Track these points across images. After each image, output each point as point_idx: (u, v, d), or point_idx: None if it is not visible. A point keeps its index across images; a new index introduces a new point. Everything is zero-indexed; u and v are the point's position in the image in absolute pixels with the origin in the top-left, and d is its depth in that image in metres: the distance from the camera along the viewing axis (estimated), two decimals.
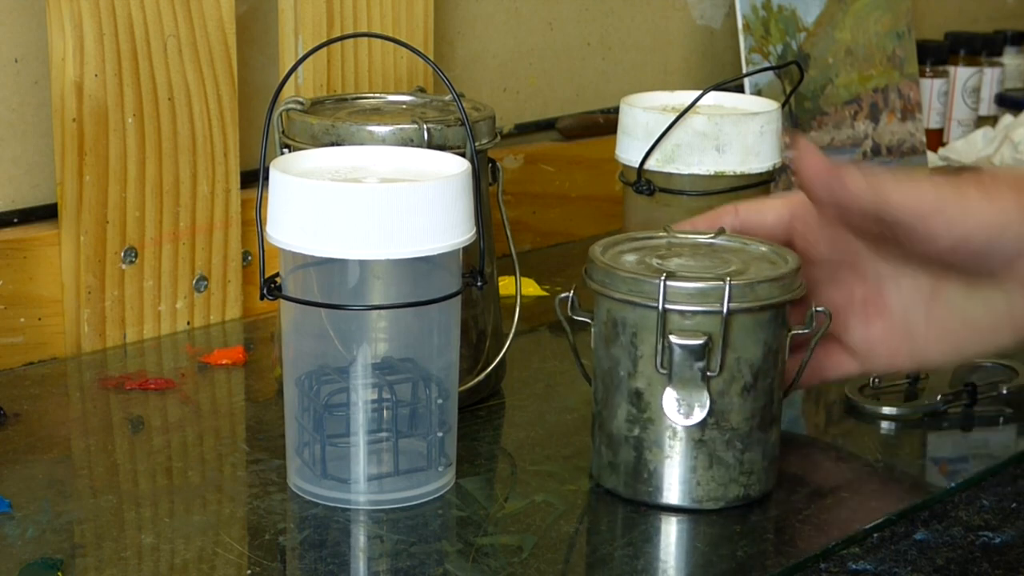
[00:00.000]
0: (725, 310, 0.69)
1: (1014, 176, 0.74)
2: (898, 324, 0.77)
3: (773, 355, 0.72)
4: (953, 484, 0.78)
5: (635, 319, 0.71)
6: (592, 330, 0.74)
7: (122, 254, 0.95)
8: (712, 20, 1.44)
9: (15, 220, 0.95)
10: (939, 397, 0.85)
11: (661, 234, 0.77)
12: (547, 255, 1.22)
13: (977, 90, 1.64)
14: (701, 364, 0.70)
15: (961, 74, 1.63)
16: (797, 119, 1.35)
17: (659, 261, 0.74)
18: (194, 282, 0.99)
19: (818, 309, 0.74)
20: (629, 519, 0.72)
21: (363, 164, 0.75)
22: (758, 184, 0.93)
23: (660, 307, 0.70)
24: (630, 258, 0.74)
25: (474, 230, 0.72)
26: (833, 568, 0.69)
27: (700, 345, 0.69)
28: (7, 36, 0.93)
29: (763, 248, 0.76)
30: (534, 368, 0.92)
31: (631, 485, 0.73)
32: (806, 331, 0.74)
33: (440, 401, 0.73)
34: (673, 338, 0.70)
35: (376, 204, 0.68)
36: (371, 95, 0.90)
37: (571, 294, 0.75)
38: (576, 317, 0.75)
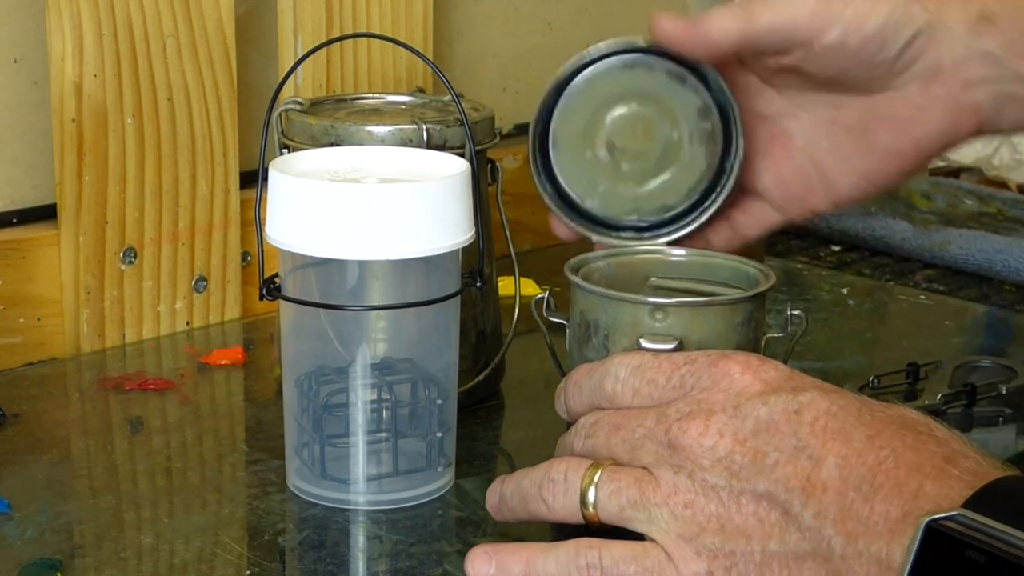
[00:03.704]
0: None
1: None
2: (805, 160, 0.79)
3: None
4: None
5: (607, 321, 0.71)
6: (567, 331, 0.74)
7: (121, 254, 0.95)
8: None
9: (14, 220, 0.95)
10: (939, 397, 0.85)
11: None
12: (547, 255, 1.21)
13: None
14: None
15: None
16: None
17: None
18: (193, 282, 0.99)
19: (794, 312, 0.74)
20: None
21: (362, 164, 0.75)
22: None
23: None
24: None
25: (473, 230, 0.72)
26: None
27: (671, 350, 0.68)
28: (6, 36, 0.93)
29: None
30: (534, 368, 0.92)
31: None
32: (781, 335, 0.73)
33: (439, 401, 0.73)
34: (643, 342, 0.69)
35: (375, 204, 0.68)
36: (370, 95, 0.90)
37: (546, 295, 0.75)
38: (551, 318, 0.75)
